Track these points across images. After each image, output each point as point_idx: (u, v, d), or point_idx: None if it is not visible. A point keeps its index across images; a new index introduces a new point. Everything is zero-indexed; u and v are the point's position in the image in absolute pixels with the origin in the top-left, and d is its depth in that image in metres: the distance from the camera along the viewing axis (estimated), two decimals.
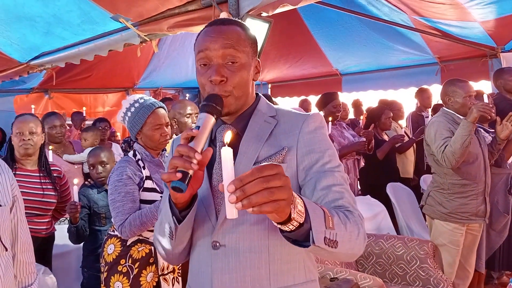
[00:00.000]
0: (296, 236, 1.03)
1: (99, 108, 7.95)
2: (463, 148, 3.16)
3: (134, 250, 2.46)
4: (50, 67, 4.73)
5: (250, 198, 0.89)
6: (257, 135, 1.29)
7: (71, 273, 3.40)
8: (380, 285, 2.81)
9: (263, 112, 1.35)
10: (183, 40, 6.53)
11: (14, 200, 1.51)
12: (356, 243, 1.15)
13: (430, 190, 3.61)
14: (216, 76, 1.22)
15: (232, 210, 0.92)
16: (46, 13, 3.66)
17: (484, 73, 5.79)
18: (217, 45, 1.24)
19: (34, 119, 3.10)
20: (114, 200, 2.41)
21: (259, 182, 0.90)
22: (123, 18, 3.52)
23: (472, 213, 3.39)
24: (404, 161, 5.24)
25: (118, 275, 2.42)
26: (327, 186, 1.22)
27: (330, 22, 5.95)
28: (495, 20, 4.72)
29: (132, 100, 2.56)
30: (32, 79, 6.38)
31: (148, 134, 2.51)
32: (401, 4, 4.73)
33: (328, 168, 1.25)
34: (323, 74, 7.57)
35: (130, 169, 2.44)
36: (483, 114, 3.13)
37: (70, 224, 2.92)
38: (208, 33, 1.28)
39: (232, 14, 3.06)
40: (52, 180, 3.14)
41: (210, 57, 1.25)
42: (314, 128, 1.30)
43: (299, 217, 0.98)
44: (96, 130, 4.65)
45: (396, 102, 5.83)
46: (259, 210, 0.90)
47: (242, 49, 1.26)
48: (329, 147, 1.29)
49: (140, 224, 2.36)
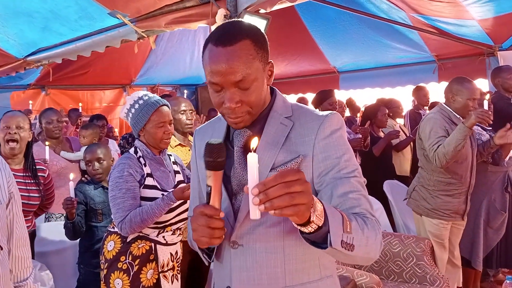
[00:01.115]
0: (315, 238, 1.09)
1: (96, 105, 7.94)
2: (455, 151, 3.18)
3: (134, 247, 2.45)
4: (47, 63, 4.72)
5: (273, 202, 0.95)
6: (273, 141, 1.30)
7: (68, 270, 3.40)
8: (377, 282, 2.82)
9: (279, 113, 1.35)
10: (181, 37, 6.53)
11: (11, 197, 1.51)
12: (372, 248, 1.18)
13: (415, 184, 3.63)
14: (231, 104, 1.23)
15: (255, 211, 1.00)
16: (44, 9, 3.65)
17: (481, 72, 5.79)
18: (228, 75, 1.20)
19: (22, 115, 3.03)
20: (114, 196, 2.40)
21: (281, 187, 0.95)
22: (120, 14, 3.52)
23: (453, 211, 3.45)
24: (401, 159, 5.25)
25: (118, 272, 2.41)
26: (344, 194, 1.24)
27: (328, 19, 5.95)
28: (493, 18, 4.72)
29: (136, 96, 2.54)
30: (29, 75, 6.37)
31: (151, 131, 2.49)
32: (399, 2, 4.74)
33: (344, 174, 1.27)
34: (320, 72, 7.57)
35: (131, 166, 2.43)
36: (481, 121, 3.13)
37: (67, 220, 2.91)
38: (215, 57, 1.22)
39: (230, 11, 3.05)
40: (36, 181, 3.08)
41: (221, 84, 1.23)
42: (330, 132, 1.30)
43: (318, 220, 1.03)
44: (95, 128, 4.62)
45: (394, 100, 5.82)
46: (280, 213, 0.96)
47: (253, 69, 1.23)
48: (345, 151, 1.30)
49: (141, 221, 2.35)
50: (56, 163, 4.09)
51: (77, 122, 6.02)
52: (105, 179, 3.17)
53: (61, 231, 3.08)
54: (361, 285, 2.78)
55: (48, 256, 3.32)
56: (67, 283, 3.27)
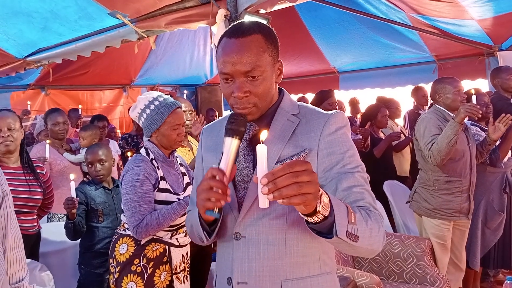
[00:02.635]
0: (320, 227, 1.13)
1: (95, 105, 7.93)
2: (448, 147, 3.20)
3: (149, 249, 2.43)
4: (47, 63, 4.71)
5: (281, 191, 0.99)
6: (280, 135, 1.35)
7: (68, 270, 3.39)
8: (377, 283, 2.82)
9: (286, 110, 1.40)
10: (181, 37, 6.52)
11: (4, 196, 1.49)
12: (376, 240, 1.22)
13: (417, 186, 3.65)
14: (239, 93, 1.29)
15: (264, 200, 1.03)
16: (43, 9, 3.64)
17: (481, 72, 5.81)
18: (238, 64, 1.27)
19: (12, 114, 3.01)
20: (129, 200, 2.37)
21: (289, 176, 0.99)
22: (120, 14, 3.51)
23: (456, 210, 3.44)
24: (401, 160, 5.25)
25: (132, 275, 2.39)
26: (348, 188, 1.28)
27: (328, 20, 5.95)
28: (492, 18, 4.73)
29: (151, 97, 2.51)
30: (28, 76, 6.36)
31: (166, 133, 2.48)
32: (399, 2, 4.74)
33: (348, 169, 1.31)
34: (320, 72, 7.58)
35: (146, 169, 2.41)
36: (470, 115, 3.17)
37: (68, 220, 2.91)
38: (227, 48, 1.30)
39: (230, 11, 3.06)
40: (36, 176, 3.09)
41: (232, 74, 1.29)
42: (335, 128, 1.35)
43: (324, 210, 1.07)
44: (95, 129, 4.62)
45: (393, 101, 5.83)
46: (289, 201, 1.00)
47: (263, 61, 1.30)
48: (349, 148, 1.34)
49: (157, 225, 2.34)
50: (60, 162, 4.10)
51: (77, 123, 6.01)
52: (106, 180, 3.17)
53: (61, 231, 3.08)
54: (361, 285, 2.78)
55: (49, 256, 3.32)
56: (67, 284, 3.26)
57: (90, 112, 7.36)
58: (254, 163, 1.35)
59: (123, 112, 8.07)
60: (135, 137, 5.33)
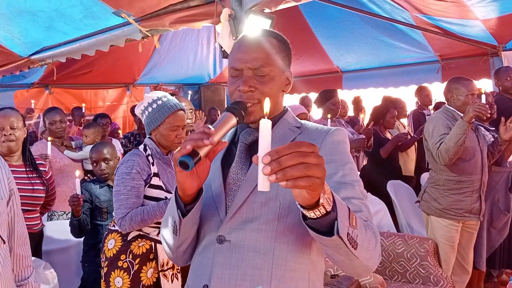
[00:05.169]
0: (319, 225, 1.00)
1: (99, 103, 7.95)
2: (456, 147, 3.18)
3: (135, 245, 2.47)
4: (51, 62, 4.73)
5: (286, 171, 0.87)
6: (279, 140, 1.28)
7: (72, 268, 3.40)
8: (381, 283, 2.82)
9: (289, 122, 1.37)
10: (184, 36, 6.53)
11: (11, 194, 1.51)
12: (372, 255, 1.11)
13: (426, 186, 3.63)
14: (244, 87, 1.26)
15: (264, 182, 0.90)
16: (48, 8, 3.65)
17: (485, 72, 5.79)
18: (248, 59, 1.28)
19: (15, 113, 3.02)
20: (119, 192, 2.41)
21: (296, 155, 0.87)
22: (125, 14, 3.52)
23: (466, 210, 3.40)
24: (406, 160, 5.24)
25: (119, 270, 2.43)
26: (347, 198, 1.17)
27: (332, 19, 5.95)
28: (497, 18, 4.72)
29: (155, 96, 2.56)
30: (32, 74, 6.38)
31: (164, 133, 2.51)
32: (403, 2, 4.74)
33: (348, 180, 1.23)
34: (324, 71, 7.57)
35: (139, 163, 2.45)
36: (479, 114, 3.14)
37: (72, 217, 2.92)
38: (240, 46, 1.32)
39: (235, 10, 3.06)
40: (39, 174, 3.10)
41: (240, 69, 1.29)
42: (338, 141, 1.30)
43: (327, 204, 0.96)
44: (98, 126, 4.65)
45: (400, 100, 5.82)
46: (293, 184, 0.88)
47: (273, 61, 1.29)
48: (350, 161, 1.28)
49: (141, 220, 2.37)
50: (59, 160, 4.12)
51: (80, 122, 6.03)
52: (111, 178, 3.17)
53: (65, 229, 3.09)
54: (365, 285, 2.78)
55: (52, 254, 3.33)
56: (71, 282, 3.27)
57: (94, 110, 7.39)
58: (249, 170, 1.29)
59: (126, 110, 8.10)
60: (137, 136, 5.34)
